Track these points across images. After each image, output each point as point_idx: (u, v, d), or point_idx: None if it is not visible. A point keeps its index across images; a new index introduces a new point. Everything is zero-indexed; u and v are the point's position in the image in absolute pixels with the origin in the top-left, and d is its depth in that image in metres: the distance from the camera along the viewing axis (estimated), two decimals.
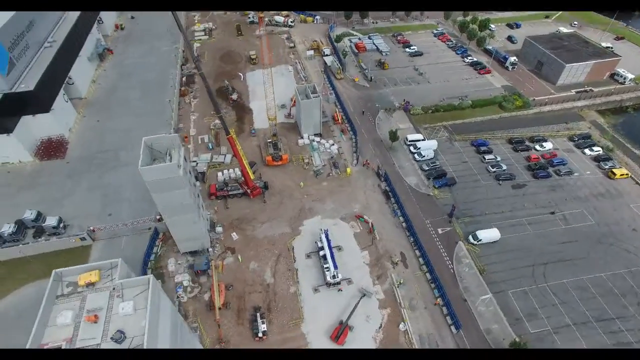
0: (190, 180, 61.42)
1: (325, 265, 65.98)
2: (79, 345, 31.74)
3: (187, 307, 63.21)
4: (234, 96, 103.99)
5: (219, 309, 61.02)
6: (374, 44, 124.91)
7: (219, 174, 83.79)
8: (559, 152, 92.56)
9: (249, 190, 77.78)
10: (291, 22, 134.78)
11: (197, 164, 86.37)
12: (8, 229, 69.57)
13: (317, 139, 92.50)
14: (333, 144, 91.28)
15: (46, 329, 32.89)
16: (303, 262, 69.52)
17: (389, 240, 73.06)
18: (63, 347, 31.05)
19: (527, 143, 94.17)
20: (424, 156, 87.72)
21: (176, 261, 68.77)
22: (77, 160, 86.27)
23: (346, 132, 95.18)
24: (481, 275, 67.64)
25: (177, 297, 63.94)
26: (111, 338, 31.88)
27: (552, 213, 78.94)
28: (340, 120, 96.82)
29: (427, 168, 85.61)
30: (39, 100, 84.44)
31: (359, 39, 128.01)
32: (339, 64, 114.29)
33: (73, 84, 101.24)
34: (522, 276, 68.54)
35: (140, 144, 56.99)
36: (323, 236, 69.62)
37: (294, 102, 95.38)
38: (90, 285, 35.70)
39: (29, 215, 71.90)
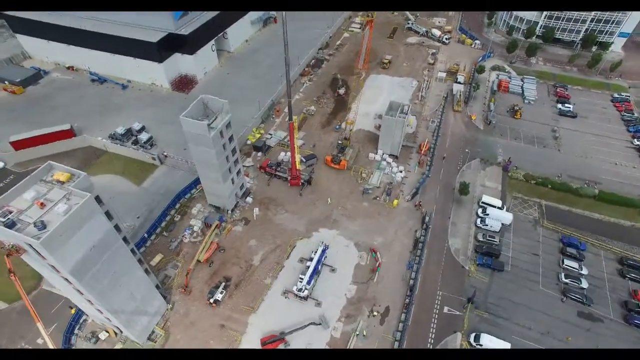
0: (225, 145, 67.51)
1: (301, 276, 64.93)
2: (22, 217, 41.46)
3: (183, 247, 71.78)
4: (341, 91, 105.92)
5: (199, 261, 67.50)
6: (522, 87, 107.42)
7: (282, 153, 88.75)
8: None
9: (289, 177, 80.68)
10: (447, 38, 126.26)
11: (271, 137, 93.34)
12: (120, 130, 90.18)
13: (390, 160, 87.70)
14: (401, 172, 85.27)
15: (17, 197, 43.78)
16: (293, 263, 69.66)
17: (384, 289, 66.40)
18: (11, 217, 40.96)
19: None
20: (488, 225, 74.19)
21: (201, 208, 77.82)
22: (192, 98, 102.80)
23: (423, 165, 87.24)
24: None
25: (182, 236, 73.11)
26: (34, 223, 40.63)
27: None
28: (424, 152, 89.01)
29: (481, 239, 72.52)
30: (189, 44, 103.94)
31: (509, 77, 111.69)
32: (461, 95, 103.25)
33: (227, 38, 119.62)
34: None
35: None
36: (320, 249, 68.07)
37: None
38: (59, 182, 45.28)
39: (136, 126, 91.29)
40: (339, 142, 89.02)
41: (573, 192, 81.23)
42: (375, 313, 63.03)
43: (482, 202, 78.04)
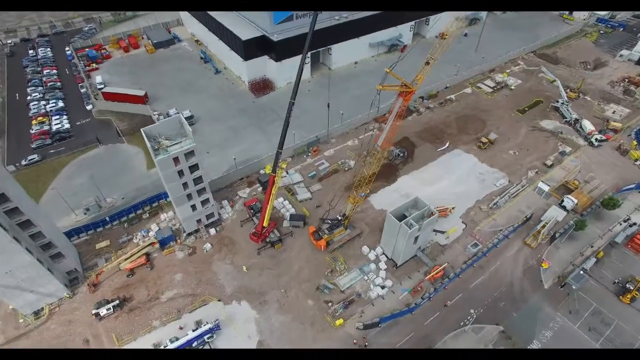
0: (183, 172, 62.86)
1: (168, 341, 57.28)
2: None
3: (128, 246, 72.16)
4: (398, 157, 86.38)
5: (120, 267, 66.91)
6: None
7: (280, 199, 78.99)
8: None
9: (254, 229, 71.20)
10: (598, 139, 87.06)
11: (285, 176, 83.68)
12: (172, 112, 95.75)
13: (383, 267, 67.93)
14: (383, 288, 65.19)
15: None
16: (189, 321, 61.77)
17: None
18: None
19: None
20: None
21: (173, 216, 76.44)
22: (257, 104, 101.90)
23: (416, 294, 64.35)
24: None
25: (135, 235, 73.59)
26: None
27: None
28: (431, 278, 65.34)
29: None
30: (276, 51, 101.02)
31: None
32: (551, 226, 70.53)
33: (331, 54, 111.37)
34: None
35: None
36: (208, 326, 58.34)
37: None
38: None
39: (186, 113, 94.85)
40: (338, 217, 72.84)
41: None
42: None
43: None
